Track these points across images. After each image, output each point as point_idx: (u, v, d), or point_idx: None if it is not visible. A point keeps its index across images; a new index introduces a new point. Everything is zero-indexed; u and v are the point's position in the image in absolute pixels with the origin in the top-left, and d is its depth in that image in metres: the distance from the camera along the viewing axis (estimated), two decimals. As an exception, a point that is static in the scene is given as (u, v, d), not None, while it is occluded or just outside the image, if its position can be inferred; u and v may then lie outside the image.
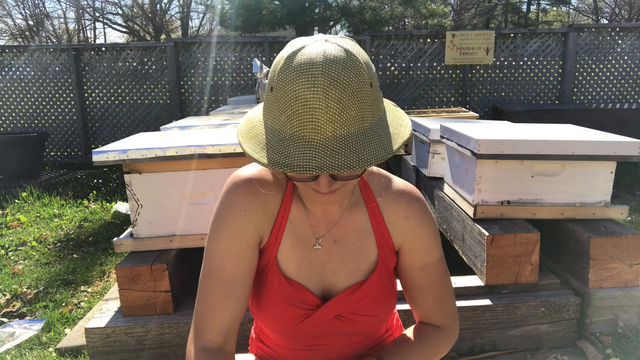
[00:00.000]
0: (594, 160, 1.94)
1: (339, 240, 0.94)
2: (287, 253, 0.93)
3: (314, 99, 0.68)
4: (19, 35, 21.54)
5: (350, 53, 0.72)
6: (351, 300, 0.93)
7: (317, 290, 0.94)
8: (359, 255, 0.94)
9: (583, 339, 1.83)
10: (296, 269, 0.93)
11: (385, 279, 0.95)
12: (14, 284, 2.77)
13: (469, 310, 1.82)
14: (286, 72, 0.71)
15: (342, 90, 0.69)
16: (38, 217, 4.14)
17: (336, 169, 0.68)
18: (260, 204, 0.91)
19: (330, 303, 0.93)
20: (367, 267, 0.94)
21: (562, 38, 6.47)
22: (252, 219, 0.90)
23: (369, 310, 0.94)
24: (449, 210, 2.33)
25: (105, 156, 1.86)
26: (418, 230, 0.95)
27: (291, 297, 0.92)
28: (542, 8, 19.99)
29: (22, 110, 6.65)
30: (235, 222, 0.90)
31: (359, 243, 0.94)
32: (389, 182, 0.97)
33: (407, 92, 6.62)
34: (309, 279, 0.93)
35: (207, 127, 2.70)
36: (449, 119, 3.25)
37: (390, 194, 0.96)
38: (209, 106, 6.56)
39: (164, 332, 1.79)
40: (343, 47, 0.72)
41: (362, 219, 0.94)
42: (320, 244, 0.93)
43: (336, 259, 0.93)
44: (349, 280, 0.94)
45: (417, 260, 0.96)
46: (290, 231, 0.93)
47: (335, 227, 0.94)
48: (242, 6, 10.69)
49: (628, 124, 5.65)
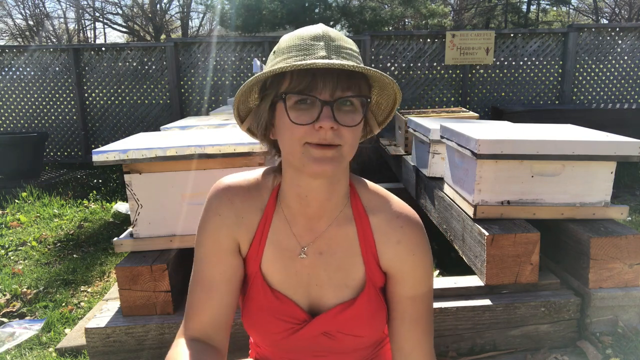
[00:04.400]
0: (594, 160, 1.94)
1: (324, 253, 0.92)
2: (271, 264, 0.93)
3: (315, 38, 0.81)
4: (19, 35, 21.55)
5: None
6: (339, 320, 0.92)
7: (304, 304, 0.94)
8: (345, 271, 0.92)
9: (583, 339, 1.83)
10: (281, 280, 0.93)
11: (376, 300, 0.93)
12: (14, 284, 2.77)
13: (469, 311, 1.82)
14: (289, 34, 0.84)
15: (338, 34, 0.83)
16: (38, 217, 4.14)
17: (343, 65, 0.74)
18: (235, 210, 0.92)
19: (318, 320, 0.92)
20: (355, 285, 0.92)
21: (562, 38, 6.47)
22: (226, 224, 0.92)
23: (356, 330, 0.93)
24: (449, 210, 2.33)
25: (105, 156, 1.85)
26: (410, 259, 0.91)
27: (277, 310, 0.92)
28: (542, 8, 19.99)
29: (22, 110, 6.65)
30: (210, 227, 0.93)
31: (345, 258, 0.92)
32: (386, 201, 0.94)
33: (407, 92, 6.62)
34: (295, 291, 0.93)
35: (207, 127, 2.70)
36: (449, 119, 3.24)
37: (385, 214, 0.92)
38: (209, 106, 6.56)
39: (164, 332, 1.79)
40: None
41: (349, 234, 0.92)
42: (305, 253, 0.92)
43: (322, 272, 0.92)
44: (335, 296, 0.92)
45: (407, 291, 0.92)
46: (272, 241, 0.93)
47: (320, 239, 0.92)
48: (242, 6, 10.70)
49: (628, 124, 5.65)
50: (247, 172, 0.97)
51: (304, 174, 0.83)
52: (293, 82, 0.78)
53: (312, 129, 0.77)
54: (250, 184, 0.94)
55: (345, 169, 0.90)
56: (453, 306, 1.81)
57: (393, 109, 0.90)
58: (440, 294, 1.88)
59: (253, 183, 0.94)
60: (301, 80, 0.77)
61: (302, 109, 0.78)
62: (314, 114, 0.77)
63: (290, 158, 0.83)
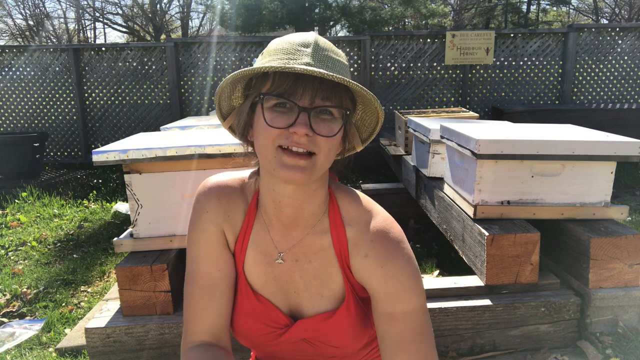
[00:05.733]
0: (594, 161, 1.94)
1: (300, 260, 0.91)
2: (252, 267, 0.93)
3: (303, 44, 0.80)
4: (19, 35, 21.54)
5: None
6: (319, 329, 0.92)
7: (285, 308, 0.94)
8: (321, 280, 0.91)
9: (583, 339, 1.83)
10: (262, 284, 0.93)
11: (356, 311, 0.91)
12: (14, 284, 2.77)
13: (469, 311, 1.82)
14: (278, 38, 0.85)
15: (329, 45, 0.83)
16: (38, 217, 4.13)
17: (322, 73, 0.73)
18: (223, 207, 0.92)
19: (298, 325, 0.92)
20: (333, 295, 0.91)
21: (562, 38, 6.47)
22: (214, 221, 0.92)
23: (334, 341, 0.93)
24: (449, 210, 2.33)
25: (105, 156, 1.85)
26: (378, 273, 0.86)
27: (259, 313, 0.92)
28: (542, 8, 19.98)
29: (22, 110, 6.65)
30: (200, 224, 0.93)
31: (321, 268, 0.91)
32: (365, 213, 0.91)
33: (407, 92, 6.62)
34: (276, 296, 0.93)
35: (207, 127, 2.70)
36: (449, 119, 3.24)
37: (359, 226, 0.89)
38: (209, 106, 6.56)
39: (164, 332, 1.79)
40: None
41: (325, 244, 0.90)
42: (282, 259, 0.91)
43: (298, 279, 0.92)
44: (312, 304, 0.92)
45: (382, 307, 0.87)
46: (253, 244, 0.93)
47: (297, 246, 0.91)
48: (242, 6, 10.69)
49: (628, 124, 5.65)
50: (233, 171, 0.97)
51: (277, 179, 0.83)
52: (274, 85, 0.77)
53: (286, 132, 0.77)
54: (236, 184, 0.95)
55: (323, 179, 0.88)
56: (453, 306, 1.81)
57: (377, 126, 0.88)
58: (440, 294, 1.88)
59: (239, 183, 0.95)
60: (282, 83, 0.77)
61: (279, 112, 0.78)
62: (291, 118, 0.77)
63: (264, 161, 0.82)
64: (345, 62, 0.84)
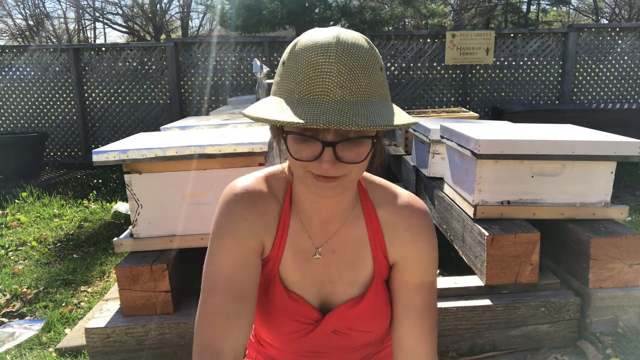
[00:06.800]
0: (594, 161, 1.94)
1: (337, 250, 0.93)
2: (289, 266, 0.93)
3: (326, 63, 0.71)
4: (19, 35, 21.53)
5: (363, 36, 0.77)
6: (348, 316, 0.92)
7: (315, 302, 0.94)
8: (354, 267, 0.93)
9: (583, 339, 1.83)
10: (297, 281, 0.93)
11: (382, 295, 0.94)
12: (14, 284, 2.77)
13: (469, 311, 1.82)
14: (300, 45, 0.75)
15: (354, 60, 0.72)
16: (38, 217, 4.13)
17: (344, 124, 0.67)
18: (260, 214, 0.90)
19: (329, 318, 0.93)
20: (363, 280, 0.93)
21: (562, 38, 6.47)
22: (253, 229, 0.89)
23: (365, 326, 0.93)
24: (449, 210, 2.33)
25: (105, 156, 1.86)
26: (419, 244, 0.91)
27: (292, 310, 0.92)
28: (542, 8, 19.96)
29: (22, 110, 6.65)
30: (237, 232, 0.88)
31: (355, 254, 0.93)
32: (393, 195, 0.94)
33: (407, 92, 6.62)
34: (309, 290, 0.93)
35: (207, 127, 2.70)
36: (449, 119, 3.24)
37: (393, 207, 0.93)
38: (209, 106, 6.56)
39: (164, 332, 1.79)
40: (356, 33, 0.77)
41: (359, 230, 0.92)
42: (320, 254, 0.92)
43: (334, 269, 0.93)
44: (345, 292, 0.93)
45: (415, 277, 0.91)
46: (290, 243, 0.92)
47: (333, 238, 0.93)
48: (242, 6, 10.68)
49: (628, 124, 5.65)
50: (254, 175, 0.95)
51: None
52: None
53: (314, 162, 0.75)
54: (265, 187, 0.93)
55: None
56: (453, 306, 1.82)
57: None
58: (440, 294, 1.88)
59: (266, 186, 0.93)
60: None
61: (304, 145, 0.75)
62: (316, 150, 0.74)
63: (296, 175, 0.83)
64: (377, 70, 0.75)
